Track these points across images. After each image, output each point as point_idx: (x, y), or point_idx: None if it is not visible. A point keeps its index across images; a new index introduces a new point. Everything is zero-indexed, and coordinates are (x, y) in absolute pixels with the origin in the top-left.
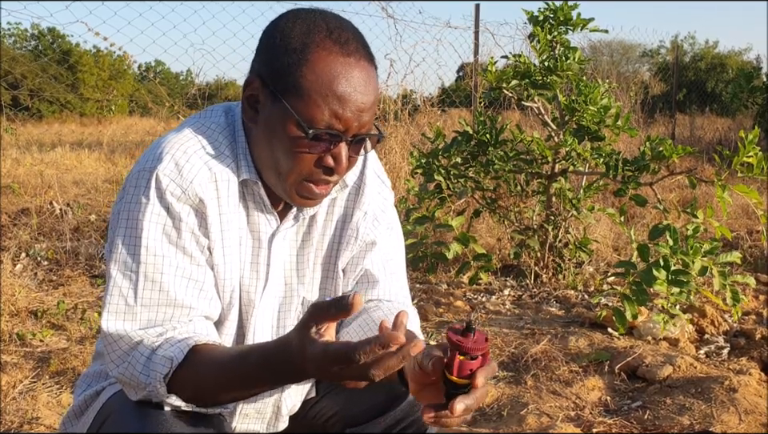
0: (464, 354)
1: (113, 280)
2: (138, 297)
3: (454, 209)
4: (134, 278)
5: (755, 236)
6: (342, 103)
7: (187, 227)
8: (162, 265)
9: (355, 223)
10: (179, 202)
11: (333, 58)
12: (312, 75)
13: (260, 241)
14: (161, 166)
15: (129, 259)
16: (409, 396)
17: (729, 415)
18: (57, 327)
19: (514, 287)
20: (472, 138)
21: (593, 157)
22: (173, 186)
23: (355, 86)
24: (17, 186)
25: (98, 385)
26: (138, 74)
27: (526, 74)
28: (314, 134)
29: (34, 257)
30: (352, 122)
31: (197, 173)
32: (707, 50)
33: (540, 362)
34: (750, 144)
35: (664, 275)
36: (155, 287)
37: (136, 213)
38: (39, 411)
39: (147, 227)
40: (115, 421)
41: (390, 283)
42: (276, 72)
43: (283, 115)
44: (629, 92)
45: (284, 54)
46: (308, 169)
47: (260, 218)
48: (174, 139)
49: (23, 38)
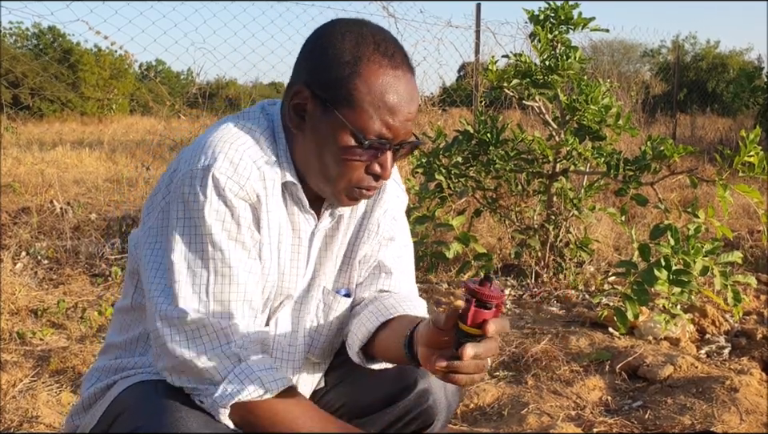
0: (480, 303)
1: (181, 277)
2: (210, 292)
3: (455, 208)
4: (205, 274)
5: (756, 236)
6: (392, 114)
7: (245, 223)
8: (230, 259)
9: (376, 218)
10: (237, 199)
11: (383, 71)
12: (365, 87)
13: (300, 239)
14: (216, 164)
15: (193, 255)
16: (417, 388)
17: (730, 415)
18: (57, 325)
19: (514, 286)
20: (473, 137)
21: (594, 156)
22: (231, 184)
23: (403, 96)
24: (17, 185)
25: (108, 379)
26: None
27: (527, 73)
28: (369, 144)
29: (35, 256)
30: (400, 130)
31: (251, 171)
32: (708, 49)
33: (541, 361)
34: (752, 143)
35: (665, 275)
36: (225, 280)
37: (196, 211)
38: (39, 410)
39: (210, 224)
40: (131, 418)
41: (401, 278)
42: (328, 84)
43: (336, 125)
44: (630, 92)
45: (336, 66)
46: (357, 175)
47: (299, 217)
48: (222, 138)
49: (24, 37)
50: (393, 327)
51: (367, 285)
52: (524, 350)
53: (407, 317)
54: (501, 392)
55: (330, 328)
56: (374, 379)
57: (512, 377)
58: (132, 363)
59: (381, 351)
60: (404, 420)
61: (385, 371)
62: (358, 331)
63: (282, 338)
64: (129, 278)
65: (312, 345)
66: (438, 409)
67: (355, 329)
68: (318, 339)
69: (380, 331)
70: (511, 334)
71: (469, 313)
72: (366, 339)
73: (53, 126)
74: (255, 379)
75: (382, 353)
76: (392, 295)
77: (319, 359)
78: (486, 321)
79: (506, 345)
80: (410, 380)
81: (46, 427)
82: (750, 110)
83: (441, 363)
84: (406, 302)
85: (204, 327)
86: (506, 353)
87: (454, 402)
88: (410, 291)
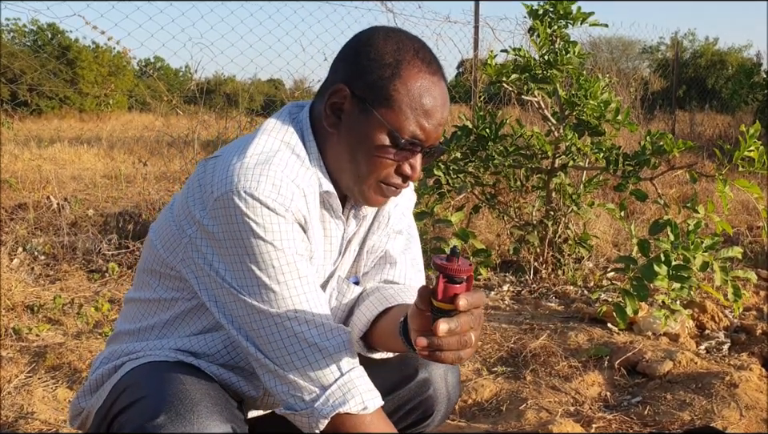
0: (449, 278)
1: (262, 292)
2: (291, 305)
3: (454, 204)
4: (278, 289)
5: (755, 232)
6: (427, 117)
7: (299, 237)
8: (298, 270)
9: (387, 211)
10: (288, 217)
11: (422, 75)
12: (404, 89)
13: (331, 244)
14: (260, 189)
15: (263, 274)
16: (417, 377)
17: (729, 410)
18: (53, 321)
19: (513, 282)
20: (471, 132)
21: (593, 152)
22: (277, 205)
23: (438, 101)
24: (14, 181)
25: (116, 361)
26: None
27: (526, 68)
28: (404, 144)
29: (31, 252)
30: (432, 134)
31: (293, 192)
32: (707, 46)
33: (539, 357)
34: (751, 138)
35: (665, 271)
36: (300, 294)
37: (248, 233)
38: (35, 406)
39: (272, 239)
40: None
41: (406, 270)
42: (369, 84)
43: (373, 124)
44: (629, 88)
45: (378, 68)
46: (386, 174)
47: (331, 223)
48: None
49: (21, 34)
50: (391, 315)
51: (372, 275)
52: (522, 345)
53: (405, 306)
54: (499, 388)
55: (340, 316)
56: (375, 368)
57: (510, 373)
58: (141, 347)
59: (379, 341)
60: (404, 409)
61: (387, 361)
62: (359, 320)
63: None
64: (148, 273)
65: None
66: (438, 400)
67: (356, 318)
68: None
69: (378, 320)
70: (510, 330)
71: (438, 289)
72: (366, 328)
73: (51, 122)
74: (357, 393)
75: (381, 342)
76: (395, 286)
77: None
78: (457, 295)
79: (505, 341)
80: (410, 370)
81: (42, 424)
82: (748, 106)
83: (422, 342)
84: (405, 292)
85: (301, 340)
86: (504, 349)
87: (455, 394)
88: (416, 281)
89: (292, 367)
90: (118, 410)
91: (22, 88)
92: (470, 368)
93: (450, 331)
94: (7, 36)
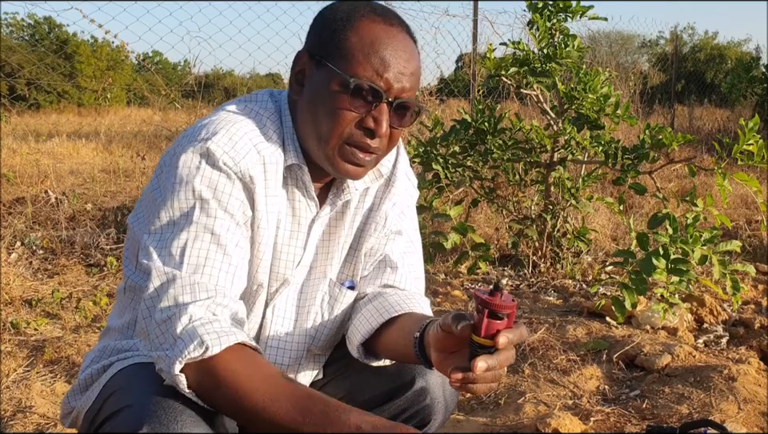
0: (492, 314)
1: (161, 235)
2: (187, 254)
3: (452, 198)
4: (184, 236)
5: (754, 226)
6: (383, 63)
7: (237, 195)
8: (214, 226)
9: (384, 211)
10: (231, 172)
11: (376, 25)
12: (355, 37)
13: (299, 225)
14: (215, 138)
15: (179, 217)
16: (415, 386)
17: (728, 404)
18: (51, 315)
19: (511, 276)
20: (470, 126)
21: (592, 146)
22: (226, 158)
23: (396, 50)
24: (12, 175)
25: (105, 360)
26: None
27: (525, 61)
28: (355, 84)
29: (29, 246)
30: (392, 83)
31: (248, 151)
32: (706, 40)
33: (538, 351)
34: (751, 132)
35: (663, 264)
36: (203, 245)
37: (188, 176)
38: (33, 400)
39: (200, 190)
40: (122, 397)
41: (407, 274)
42: (323, 41)
43: (327, 76)
44: (627, 82)
45: (330, 23)
46: (349, 129)
47: (301, 203)
48: (225, 118)
49: (19, 28)
50: (399, 325)
51: (371, 279)
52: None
53: (413, 316)
54: None
55: (334, 321)
56: (372, 375)
57: (509, 366)
58: (129, 345)
59: (385, 350)
60: (401, 418)
61: (383, 369)
62: (361, 326)
63: (280, 327)
64: (125, 260)
65: (316, 337)
66: (435, 408)
67: (358, 324)
68: (321, 331)
69: (384, 328)
70: None
71: (482, 325)
72: (368, 336)
73: (49, 116)
74: (196, 336)
75: (387, 351)
76: (396, 291)
77: (321, 352)
78: (498, 332)
79: None
80: (407, 378)
81: (40, 417)
82: (747, 100)
83: (456, 375)
84: (410, 300)
85: (170, 282)
86: None
87: (452, 402)
88: (415, 288)
89: (151, 316)
90: (104, 417)
91: (19, 82)
92: None
93: (489, 368)
94: (5, 30)
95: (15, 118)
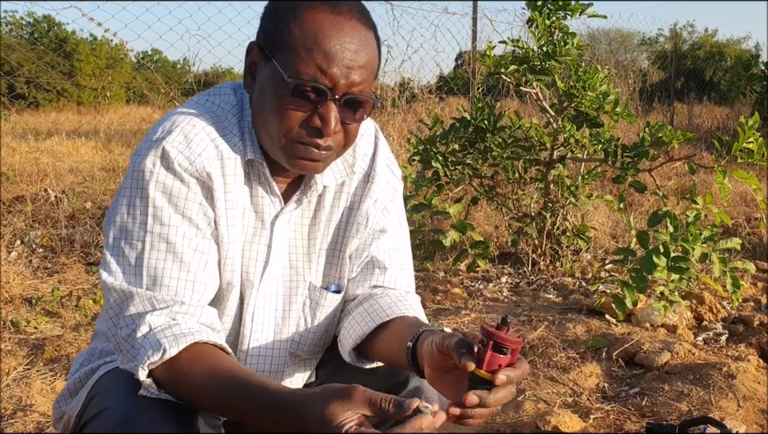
0: (495, 346)
1: (118, 247)
2: (143, 265)
3: (452, 196)
4: (140, 246)
5: (753, 223)
6: (327, 58)
7: (194, 198)
8: (168, 234)
9: (365, 210)
10: (186, 174)
11: (321, 15)
12: (298, 30)
13: (263, 222)
14: (169, 138)
15: (134, 226)
16: (409, 385)
17: (727, 401)
18: (51, 314)
19: (511, 274)
20: (470, 124)
21: (591, 143)
22: (181, 158)
23: (343, 42)
24: (12, 174)
25: (92, 364)
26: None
27: (525, 59)
28: (294, 85)
29: (29, 244)
30: (338, 78)
31: (204, 147)
32: (706, 38)
33: (537, 349)
34: (750, 129)
35: (664, 262)
36: (160, 256)
37: (142, 182)
38: (33, 398)
39: (154, 196)
40: (101, 400)
41: (396, 272)
42: (269, 33)
43: (272, 73)
44: (627, 80)
45: (275, 14)
46: (296, 129)
47: (264, 199)
48: (184, 114)
49: (18, 26)
50: (391, 331)
51: (360, 281)
52: (521, 337)
53: (405, 321)
54: None
55: (318, 326)
56: (366, 376)
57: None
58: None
59: (378, 354)
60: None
61: (377, 368)
62: (352, 331)
63: (260, 334)
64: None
65: (300, 342)
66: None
67: (349, 328)
68: (306, 336)
69: (376, 333)
70: None
71: (484, 357)
72: (360, 340)
73: (49, 115)
74: (155, 342)
75: (380, 356)
76: (386, 293)
77: (310, 355)
78: (500, 367)
79: None
80: (401, 378)
81: (40, 416)
82: (746, 98)
83: (454, 410)
84: (401, 302)
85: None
86: None
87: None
88: (405, 286)
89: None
90: (86, 420)
91: (19, 81)
92: None
93: (486, 405)
94: (4, 28)
95: (15, 117)
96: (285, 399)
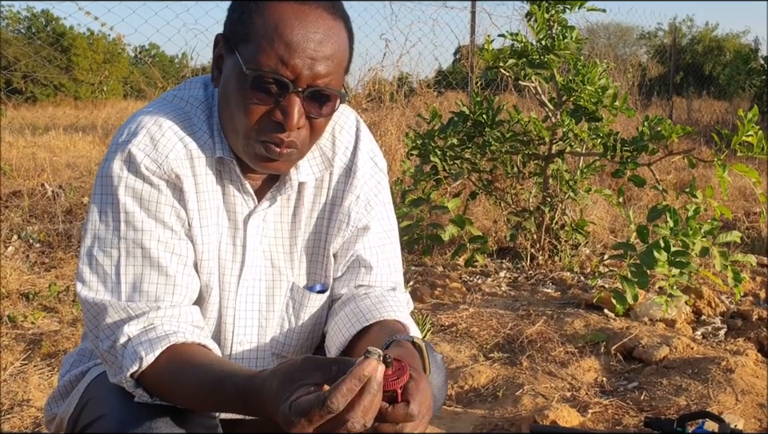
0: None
1: (92, 257)
2: (121, 274)
3: (450, 191)
4: (115, 254)
5: (752, 218)
6: (289, 48)
7: (166, 201)
8: (143, 240)
9: (347, 207)
10: (155, 177)
11: (285, 5)
12: (260, 21)
13: (236, 222)
14: (135, 140)
15: (108, 234)
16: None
17: (725, 395)
18: (48, 309)
19: (509, 269)
20: (468, 118)
21: (590, 137)
22: (148, 161)
23: (307, 32)
24: (9, 169)
25: (82, 365)
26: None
27: (524, 53)
28: (253, 77)
29: (26, 239)
30: (301, 70)
31: (172, 148)
32: (705, 32)
33: (536, 343)
34: (750, 123)
35: (665, 257)
36: (137, 262)
37: (111, 187)
38: (30, 394)
39: (125, 201)
40: (96, 406)
41: (382, 269)
42: (231, 24)
43: (234, 66)
44: (626, 74)
45: (240, 5)
46: (258, 123)
47: (237, 198)
48: (150, 113)
49: (16, 21)
50: (370, 338)
51: (346, 280)
52: (519, 331)
53: (384, 326)
54: (495, 374)
55: (303, 326)
56: None
57: (507, 359)
58: None
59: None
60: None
61: None
62: (336, 337)
63: (242, 337)
64: None
65: (285, 343)
66: None
67: (333, 333)
68: (291, 336)
69: (358, 339)
70: (506, 316)
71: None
72: (343, 348)
73: (46, 110)
74: (133, 352)
75: None
76: (370, 293)
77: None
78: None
79: (501, 327)
80: None
81: (37, 411)
82: (745, 92)
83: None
84: (382, 303)
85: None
86: (501, 335)
87: (441, 396)
88: (392, 283)
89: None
90: (81, 427)
91: (16, 75)
92: (467, 354)
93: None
94: (1, 23)
95: (12, 112)
96: (248, 383)
